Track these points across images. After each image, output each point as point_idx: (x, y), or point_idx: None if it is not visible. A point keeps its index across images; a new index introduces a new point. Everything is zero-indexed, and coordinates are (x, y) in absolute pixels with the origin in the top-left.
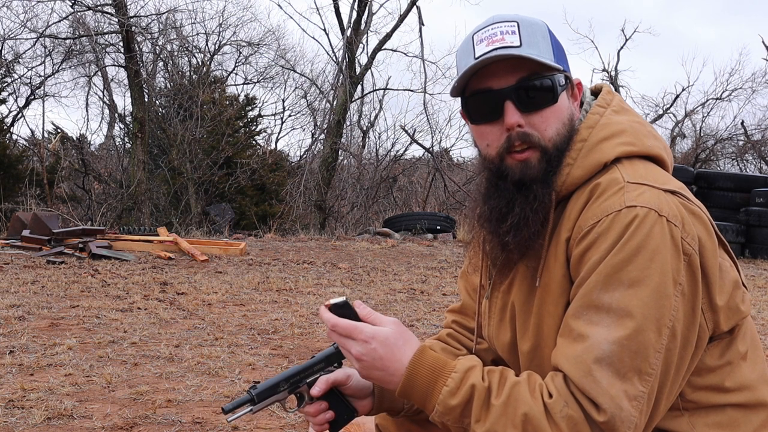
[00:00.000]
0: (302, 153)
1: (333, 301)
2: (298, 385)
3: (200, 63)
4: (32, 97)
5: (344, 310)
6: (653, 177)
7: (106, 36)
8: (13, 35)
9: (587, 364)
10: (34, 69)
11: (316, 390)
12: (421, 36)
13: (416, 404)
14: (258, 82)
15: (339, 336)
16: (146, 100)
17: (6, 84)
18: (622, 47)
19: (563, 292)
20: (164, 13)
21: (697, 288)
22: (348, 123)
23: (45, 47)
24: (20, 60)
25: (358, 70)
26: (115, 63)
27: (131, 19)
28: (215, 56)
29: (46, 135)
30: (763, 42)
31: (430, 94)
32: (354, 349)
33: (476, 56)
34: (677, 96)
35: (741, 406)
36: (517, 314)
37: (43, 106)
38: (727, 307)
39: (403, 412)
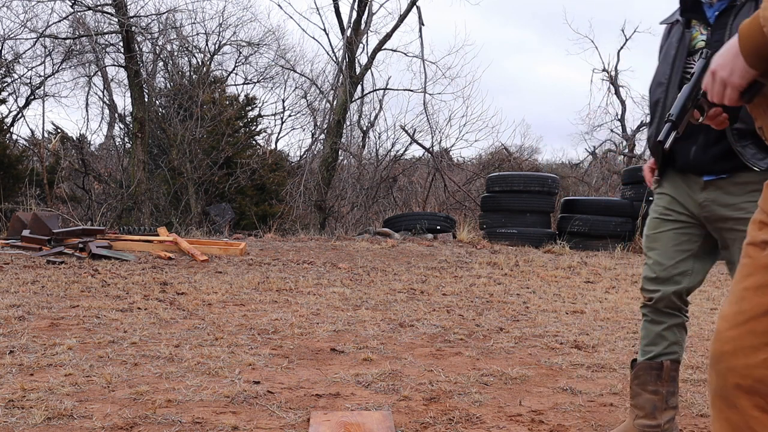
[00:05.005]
0: (302, 153)
1: None
2: (697, 99)
3: (200, 63)
4: (32, 97)
5: None
6: None
7: (106, 36)
8: (13, 35)
9: None
10: (34, 69)
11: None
12: (421, 36)
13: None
14: (258, 82)
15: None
16: (146, 100)
17: (6, 84)
18: (622, 47)
19: None
20: (164, 13)
21: None
22: (348, 123)
23: (45, 47)
24: (20, 60)
25: (358, 70)
26: (115, 63)
27: (131, 19)
28: (215, 56)
29: (46, 135)
30: None
31: (430, 94)
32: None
33: None
34: None
35: None
36: None
37: (43, 106)
38: None
39: None
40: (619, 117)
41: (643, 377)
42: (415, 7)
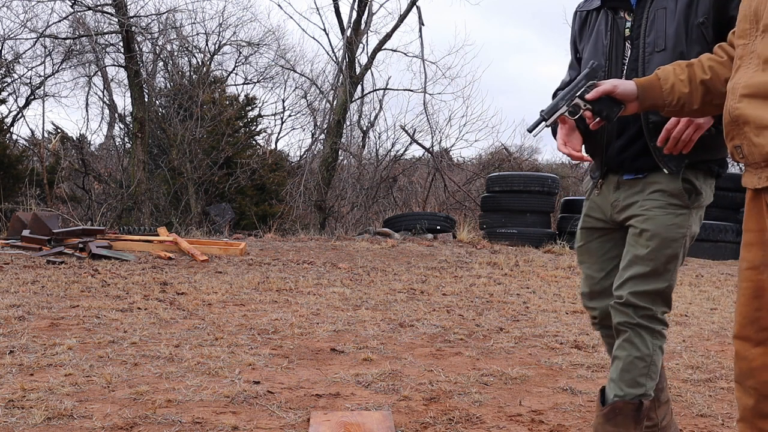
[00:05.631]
0: (302, 153)
1: None
2: (572, 100)
3: (200, 63)
4: (32, 97)
5: None
6: None
7: (106, 36)
8: (13, 35)
9: None
10: (34, 69)
11: (591, 95)
12: (421, 36)
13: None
14: (258, 82)
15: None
16: (146, 100)
17: (6, 84)
18: None
19: None
20: (164, 13)
21: None
22: (348, 123)
23: (45, 47)
24: (20, 60)
25: (358, 70)
26: (115, 63)
27: (131, 19)
28: (215, 56)
29: (46, 135)
30: None
31: (430, 94)
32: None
33: None
34: None
35: None
36: None
37: (43, 106)
38: None
39: (666, 108)
40: None
41: None
42: (415, 7)
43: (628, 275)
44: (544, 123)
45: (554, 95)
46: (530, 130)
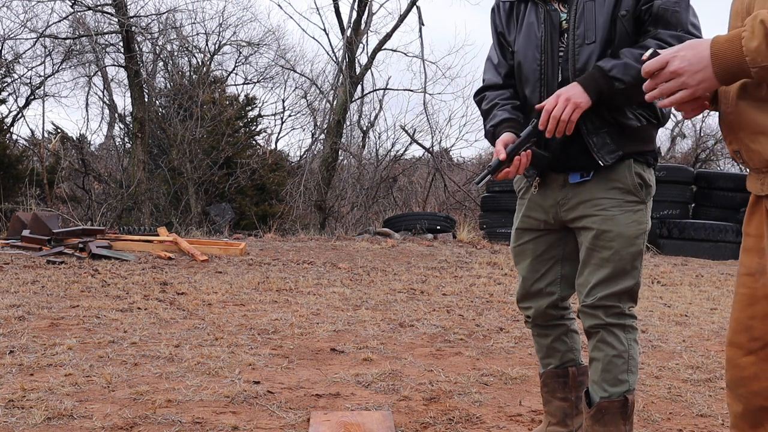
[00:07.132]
0: (302, 153)
1: None
2: (512, 158)
3: (200, 63)
4: (32, 97)
5: None
6: None
7: (106, 36)
8: (13, 35)
9: None
10: (34, 69)
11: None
12: (421, 36)
13: (737, 73)
14: (258, 82)
15: (657, 75)
16: (146, 100)
17: (6, 84)
18: None
19: None
20: (164, 13)
21: None
22: (348, 123)
23: (45, 47)
24: (20, 60)
25: (358, 70)
26: (115, 63)
27: (131, 19)
28: (215, 56)
29: (46, 135)
30: None
31: (430, 94)
32: (672, 66)
33: None
34: None
35: None
36: None
37: (43, 106)
38: None
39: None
40: None
41: (551, 385)
42: (415, 7)
43: (597, 280)
44: (490, 176)
45: (478, 98)
46: (477, 183)
